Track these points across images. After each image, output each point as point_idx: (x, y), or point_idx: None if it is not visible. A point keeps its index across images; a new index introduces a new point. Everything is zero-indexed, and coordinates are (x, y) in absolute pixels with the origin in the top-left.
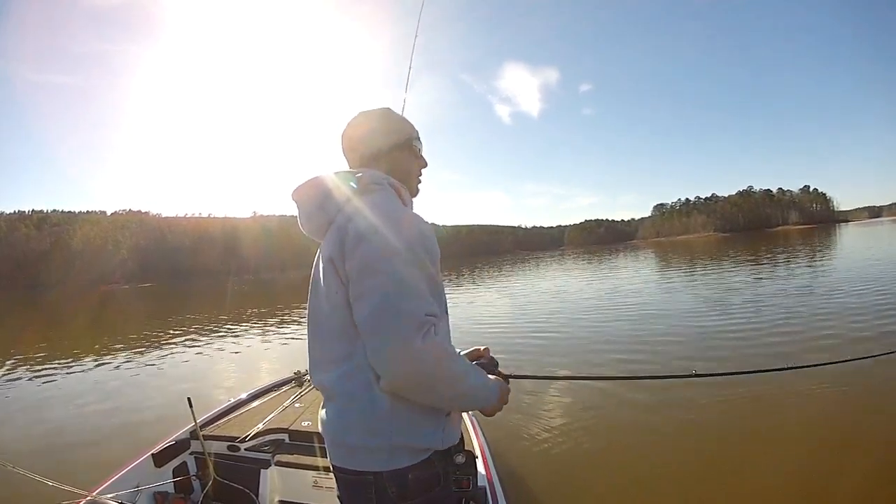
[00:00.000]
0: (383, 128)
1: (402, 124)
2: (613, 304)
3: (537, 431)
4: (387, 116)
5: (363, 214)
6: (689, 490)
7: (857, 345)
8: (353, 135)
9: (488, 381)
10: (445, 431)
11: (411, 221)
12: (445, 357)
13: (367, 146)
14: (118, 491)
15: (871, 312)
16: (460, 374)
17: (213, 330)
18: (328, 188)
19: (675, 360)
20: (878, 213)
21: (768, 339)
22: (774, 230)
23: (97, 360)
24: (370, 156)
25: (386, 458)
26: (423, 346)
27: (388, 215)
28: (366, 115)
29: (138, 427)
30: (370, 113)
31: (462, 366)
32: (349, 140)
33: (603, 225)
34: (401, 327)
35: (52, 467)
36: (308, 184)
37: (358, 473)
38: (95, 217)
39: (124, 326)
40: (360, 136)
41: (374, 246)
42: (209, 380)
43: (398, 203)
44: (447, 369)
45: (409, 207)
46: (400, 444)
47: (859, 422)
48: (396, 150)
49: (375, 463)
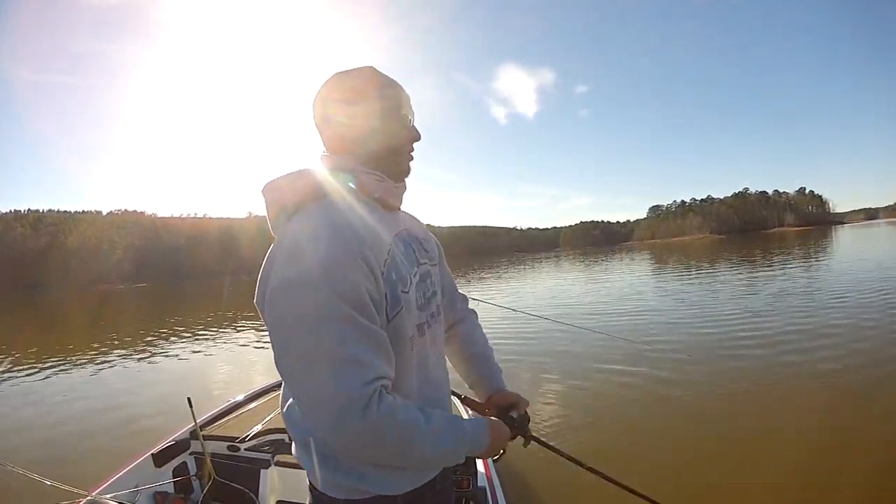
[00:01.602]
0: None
1: (386, 89)
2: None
3: (538, 431)
4: (369, 78)
5: (276, 254)
6: (690, 490)
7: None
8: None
9: (471, 435)
10: (405, 478)
11: (312, 258)
12: (396, 430)
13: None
14: (118, 491)
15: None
16: (419, 444)
17: (212, 330)
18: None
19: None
20: (874, 214)
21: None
22: (770, 232)
23: (96, 360)
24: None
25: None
26: (363, 424)
27: (290, 256)
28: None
29: (138, 427)
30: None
31: (420, 435)
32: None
33: (598, 226)
34: (325, 417)
35: (52, 467)
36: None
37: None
38: (91, 217)
39: (123, 326)
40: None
41: (275, 311)
42: (209, 380)
43: (316, 226)
44: (398, 445)
45: (397, 200)
46: (352, 486)
47: (859, 422)
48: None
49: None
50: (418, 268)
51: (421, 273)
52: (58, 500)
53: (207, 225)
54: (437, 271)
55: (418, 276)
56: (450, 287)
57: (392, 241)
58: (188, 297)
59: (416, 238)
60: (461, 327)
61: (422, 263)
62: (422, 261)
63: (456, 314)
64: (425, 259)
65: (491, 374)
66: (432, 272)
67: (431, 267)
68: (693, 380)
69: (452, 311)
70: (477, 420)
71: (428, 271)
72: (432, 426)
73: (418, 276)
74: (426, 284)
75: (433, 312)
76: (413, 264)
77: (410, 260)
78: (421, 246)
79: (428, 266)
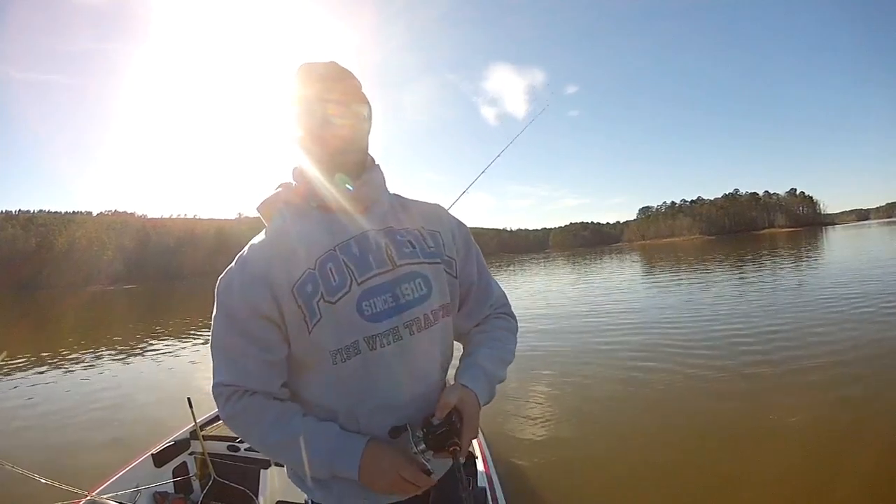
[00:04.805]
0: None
1: (302, 85)
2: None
3: (536, 431)
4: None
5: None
6: (689, 489)
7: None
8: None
9: (324, 457)
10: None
11: (226, 274)
12: (240, 425)
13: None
14: (118, 491)
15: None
16: (265, 445)
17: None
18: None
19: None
20: (865, 215)
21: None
22: (760, 233)
23: (95, 360)
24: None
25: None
26: (224, 412)
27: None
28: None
29: (138, 427)
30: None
31: (264, 437)
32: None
33: (588, 227)
34: (214, 397)
35: (52, 467)
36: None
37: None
38: (81, 218)
39: (118, 327)
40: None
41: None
42: (208, 380)
43: (249, 245)
44: (248, 437)
45: (348, 203)
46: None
47: (859, 425)
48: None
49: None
50: (385, 273)
51: (396, 276)
52: (58, 500)
53: (198, 226)
54: (434, 271)
55: (382, 280)
56: (472, 289)
57: (329, 251)
58: (182, 297)
59: (396, 237)
60: (475, 329)
61: (400, 265)
62: (400, 262)
63: (480, 318)
64: (408, 259)
65: (458, 371)
66: (425, 272)
67: (426, 266)
68: (694, 382)
69: (479, 315)
70: (348, 445)
71: (414, 272)
72: (276, 435)
73: (382, 281)
74: (402, 289)
75: (414, 320)
76: (368, 269)
77: (363, 265)
78: (402, 245)
79: (413, 267)
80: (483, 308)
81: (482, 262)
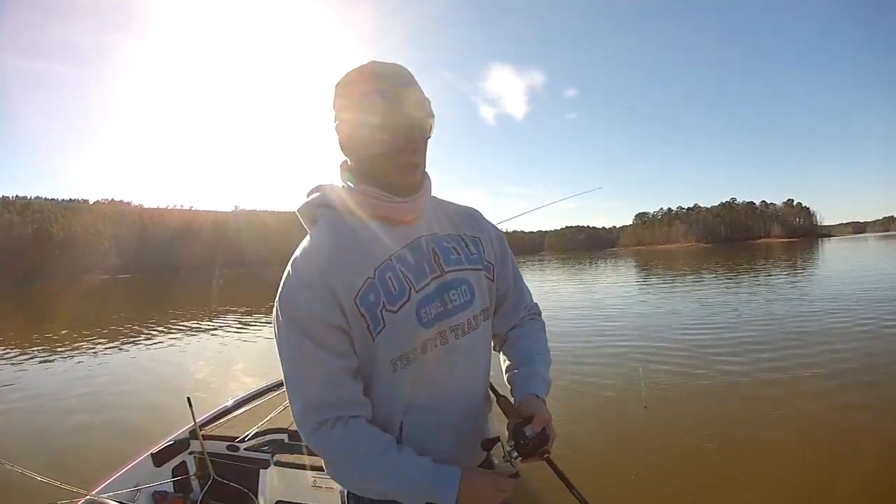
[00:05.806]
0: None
1: (365, 92)
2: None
3: None
4: (352, 81)
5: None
6: (690, 490)
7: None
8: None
9: (419, 485)
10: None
11: (281, 287)
12: (334, 459)
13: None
14: (117, 490)
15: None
16: (363, 479)
17: (211, 328)
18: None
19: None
20: (862, 228)
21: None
22: (756, 242)
23: (95, 359)
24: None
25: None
26: (312, 441)
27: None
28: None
29: (138, 426)
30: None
31: (364, 472)
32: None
33: (584, 231)
34: (299, 424)
35: (52, 466)
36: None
37: None
38: (77, 205)
39: (117, 321)
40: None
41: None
42: (208, 379)
43: (295, 255)
44: (338, 471)
45: (403, 215)
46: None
47: (858, 426)
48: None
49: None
50: (435, 280)
51: (443, 283)
52: (57, 499)
53: (195, 218)
54: (476, 277)
55: (434, 287)
56: (509, 293)
57: (386, 260)
58: (182, 289)
59: (442, 243)
60: (512, 332)
61: (447, 271)
62: (447, 268)
63: (515, 321)
64: (454, 266)
65: (520, 379)
66: (469, 279)
67: (469, 272)
68: (693, 383)
69: (514, 317)
70: (444, 476)
71: (460, 279)
72: (375, 471)
73: (434, 287)
74: (449, 295)
75: (459, 325)
76: (423, 277)
77: (419, 273)
78: (448, 252)
79: (458, 273)
80: (518, 311)
81: (516, 267)
